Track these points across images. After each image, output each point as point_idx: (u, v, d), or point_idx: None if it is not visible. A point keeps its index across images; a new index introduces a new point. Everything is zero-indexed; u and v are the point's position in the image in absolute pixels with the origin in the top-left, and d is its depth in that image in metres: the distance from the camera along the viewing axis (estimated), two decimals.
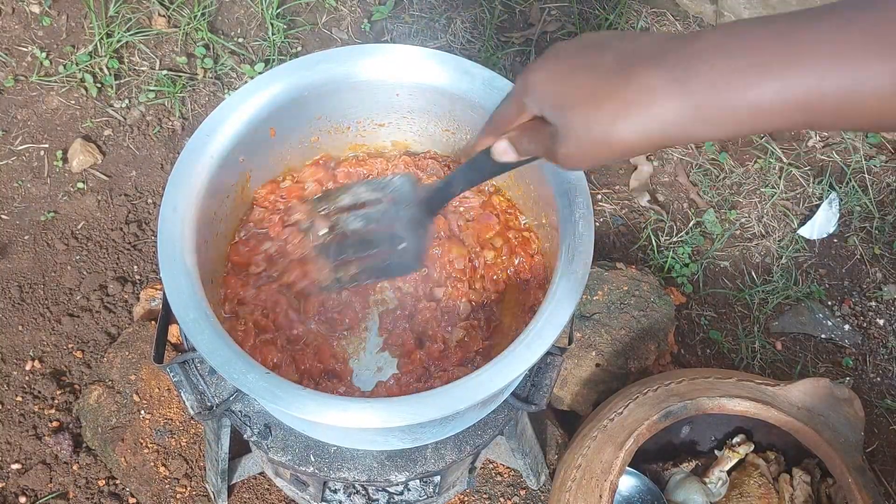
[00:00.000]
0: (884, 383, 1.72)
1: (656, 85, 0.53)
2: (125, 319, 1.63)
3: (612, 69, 0.56)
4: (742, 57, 0.51)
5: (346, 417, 0.77)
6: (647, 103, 0.54)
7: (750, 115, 0.52)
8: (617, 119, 0.55)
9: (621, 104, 0.55)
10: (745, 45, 0.51)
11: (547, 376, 0.97)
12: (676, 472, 1.42)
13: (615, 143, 0.56)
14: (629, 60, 0.56)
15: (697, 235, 1.83)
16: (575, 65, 0.59)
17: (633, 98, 0.54)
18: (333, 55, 0.96)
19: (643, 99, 0.54)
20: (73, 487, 1.46)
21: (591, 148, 0.57)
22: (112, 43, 1.88)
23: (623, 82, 0.55)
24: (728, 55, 0.51)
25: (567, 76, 0.59)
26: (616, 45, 0.58)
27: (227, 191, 0.96)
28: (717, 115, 0.52)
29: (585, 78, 0.57)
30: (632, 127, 0.55)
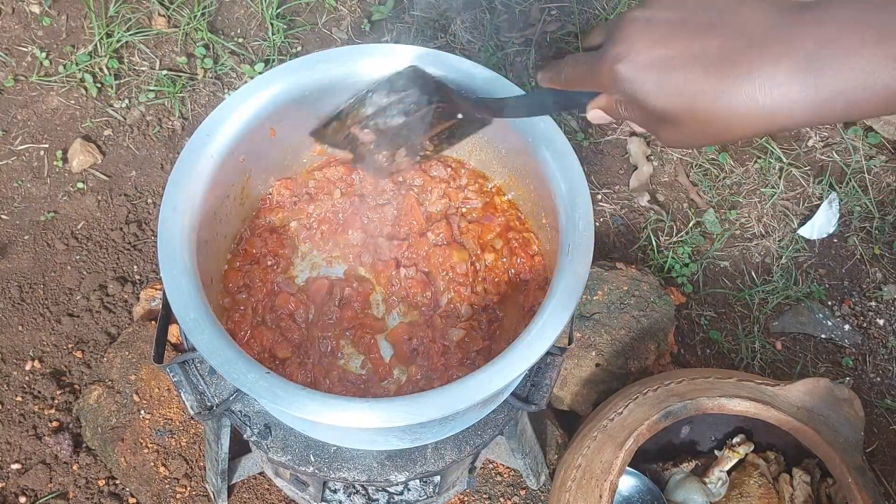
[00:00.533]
0: (884, 383, 1.72)
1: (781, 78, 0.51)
2: (125, 319, 1.63)
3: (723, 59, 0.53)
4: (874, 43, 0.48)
5: (346, 417, 0.77)
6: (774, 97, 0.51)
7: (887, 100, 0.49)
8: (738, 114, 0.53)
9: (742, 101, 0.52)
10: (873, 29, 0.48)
11: (547, 376, 0.97)
12: (676, 472, 1.42)
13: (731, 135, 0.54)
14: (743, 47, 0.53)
15: (697, 235, 1.83)
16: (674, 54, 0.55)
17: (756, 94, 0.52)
18: (333, 55, 0.96)
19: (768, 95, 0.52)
20: (73, 487, 1.46)
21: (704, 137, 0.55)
22: (112, 43, 1.88)
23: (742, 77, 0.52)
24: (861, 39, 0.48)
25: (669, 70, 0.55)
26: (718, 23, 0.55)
27: (228, 191, 0.96)
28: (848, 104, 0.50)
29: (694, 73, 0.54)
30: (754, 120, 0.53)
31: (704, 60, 0.53)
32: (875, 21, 0.48)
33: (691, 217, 1.85)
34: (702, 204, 1.87)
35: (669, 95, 0.55)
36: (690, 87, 0.54)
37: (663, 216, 1.85)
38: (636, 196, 1.87)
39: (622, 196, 1.87)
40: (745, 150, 1.94)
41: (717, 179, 1.89)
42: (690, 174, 1.90)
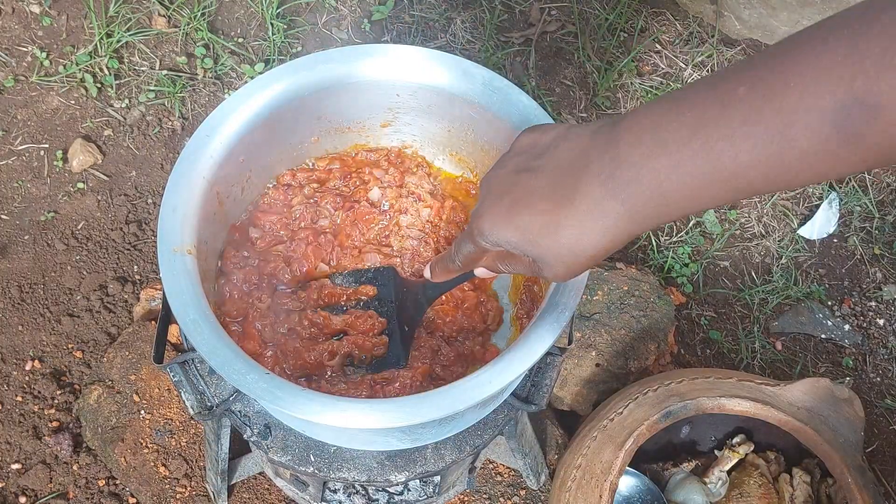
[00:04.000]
0: (884, 383, 1.72)
1: (596, 200, 0.56)
2: (125, 319, 1.63)
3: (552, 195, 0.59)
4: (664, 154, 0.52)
5: (346, 418, 0.77)
6: (597, 218, 0.56)
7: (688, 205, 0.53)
8: (580, 240, 0.58)
9: (576, 229, 0.57)
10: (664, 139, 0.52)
11: (547, 376, 0.97)
12: (676, 472, 1.42)
13: (589, 258, 0.59)
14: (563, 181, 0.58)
15: (697, 235, 1.83)
16: (516, 200, 0.61)
17: (583, 220, 0.57)
18: (333, 55, 0.96)
19: (591, 220, 0.56)
20: (73, 487, 1.46)
21: (572, 265, 0.60)
22: (112, 43, 1.88)
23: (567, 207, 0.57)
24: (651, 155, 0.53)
25: (513, 213, 0.61)
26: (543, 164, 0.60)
27: (228, 191, 0.96)
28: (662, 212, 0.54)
29: (533, 213, 0.60)
30: (596, 241, 0.57)
31: (539, 199, 0.59)
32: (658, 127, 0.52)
33: (691, 217, 1.85)
34: None
35: (522, 237, 0.61)
36: (534, 226, 0.60)
37: None
38: None
39: None
40: None
41: None
42: None
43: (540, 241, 0.60)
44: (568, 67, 2.00)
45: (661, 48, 2.03)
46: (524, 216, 0.60)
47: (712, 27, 2.05)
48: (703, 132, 0.50)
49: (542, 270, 0.63)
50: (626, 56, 1.99)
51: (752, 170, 0.49)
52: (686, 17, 2.08)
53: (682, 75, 1.99)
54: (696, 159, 0.51)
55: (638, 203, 0.54)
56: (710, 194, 0.52)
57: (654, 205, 0.54)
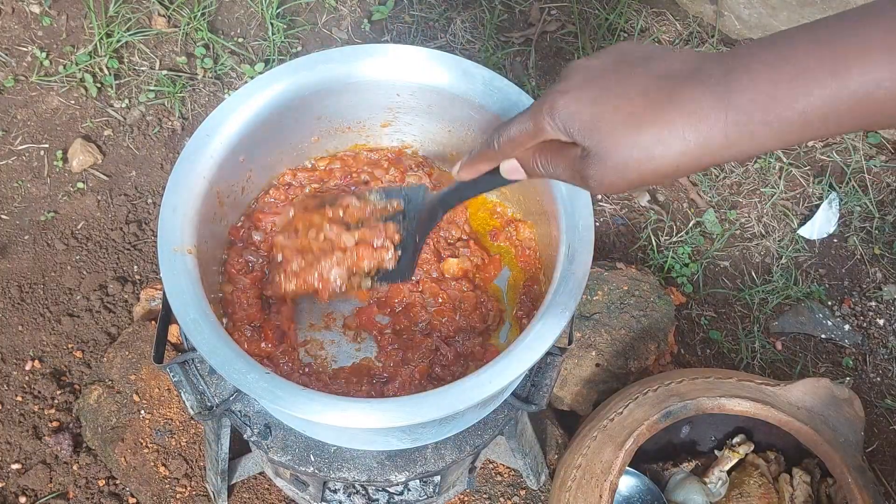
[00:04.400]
0: (884, 383, 1.72)
1: (699, 104, 0.52)
2: (125, 319, 1.63)
3: (648, 90, 0.54)
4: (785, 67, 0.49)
5: (346, 417, 0.77)
6: (690, 122, 0.52)
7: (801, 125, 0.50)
8: (660, 140, 0.53)
9: (664, 125, 0.53)
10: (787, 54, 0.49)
11: (547, 376, 0.97)
12: (676, 472, 1.42)
13: (660, 166, 0.54)
14: (665, 80, 0.54)
15: (697, 235, 1.83)
16: (607, 87, 0.57)
17: (676, 118, 0.53)
18: (333, 55, 0.96)
19: (686, 119, 0.52)
20: (73, 487, 1.46)
21: (632, 170, 0.55)
22: (112, 43, 1.88)
23: (663, 102, 0.53)
24: (771, 66, 0.50)
25: (599, 99, 0.56)
26: (647, 65, 0.57)
27: (228, 191, 0.96)
28: (764, 130, 0.51)
29: (622, 101, 0.55)
30: (675, 147, 0.53)
31: (635, 92, 0.55)
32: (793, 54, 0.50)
33: (691, 217, 1.85)
34: (702, 204, 1.87)
35: (598, 121, 0.56)
36: (618, 114, 0.55)
37: (663, 216, 1.85)
38: (636, 196, 1.87)
39: (622, 196, 1.87)
40: None
41: (717, 179, 1.89)
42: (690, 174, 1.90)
43: (614, 133, 0.55)
44: None
45: None
46: (611, 102, 0.55)
47: (712, 27, 2.05)
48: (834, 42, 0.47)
49: (589, 169, 0.57)
50: None
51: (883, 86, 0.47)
52: (686, 17, 2.08)
53: None
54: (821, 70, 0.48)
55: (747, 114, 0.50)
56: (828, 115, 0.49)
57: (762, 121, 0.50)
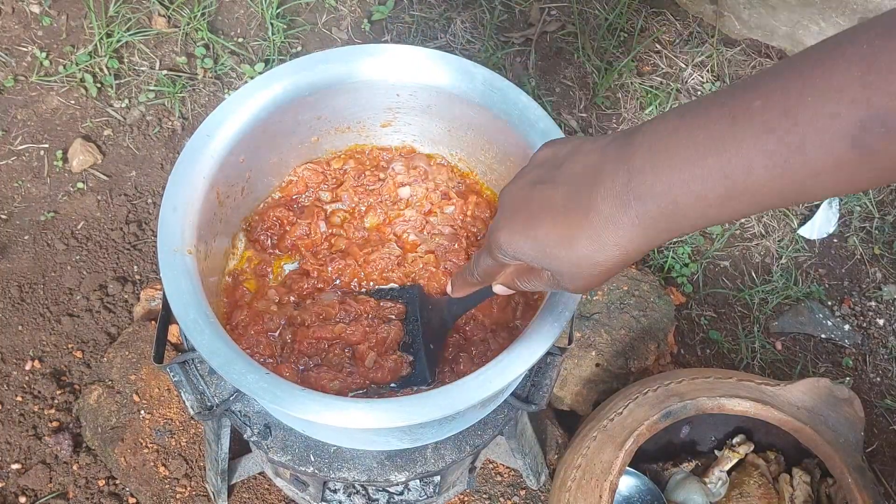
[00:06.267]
0: (884, 383, 1.72)
1: (611, 215, 0.56)
2: (125, 319, 1.63)
3: (566, 208, 0.59)
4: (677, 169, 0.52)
5: (346, 417, 0.77)
6: (610, 234, 0.56)
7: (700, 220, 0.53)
8: (596, 250, 0.58)
9: (590, 239, 0.57)
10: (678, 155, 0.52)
11: (547, 376, 0.97)
12: (676, 472, 1.42)
13: (606, 270, 0.59)
14: (577, 193, 0.58)
15: (697, 235, 1.83)
16: (532, 212, 0.61)
17: (597, 233, 0.57)
18: (333, 55, 0.96)
19: (605, 232, 0.56)
20: (73, 487, 1.46)
21: (589, 278, 0.60)
22: (112, 43, 1.88)
23: (582, 220, 0.57)
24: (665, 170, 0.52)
25: (530, 225, 0.61)
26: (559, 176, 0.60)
27: (228, 191, 0.96)
28: (674, 226, 0.54)
29: (548, 225, 0.60)
30: (611, 253, 0.57)
31: (554, 212, 0.59)
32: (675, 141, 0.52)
33: None
34: None
35: (539, 251, 0.61)
36: (550, 239, 0.60)
37: None
38: None
39: None
40: None
41: None
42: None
43: (557, 255, 0.60)
44: (568, 67, 2.00)
45: (661, 48, 2.03)
46: (540, 229, 0.60)
47: (712, 27, 2.05)
48: (715, 148, 0.50)
49: (562, 283, 0.63)
50: (626, 56, 1.99)
51: (765, 186, 0.49)
52: (686, 17, 2.08)
53: (682, 75, 1.99)
54: (708, 176, 0.50)
55: (651, 217, 0.54)
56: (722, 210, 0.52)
57: (667, 220, 0.54)
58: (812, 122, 0.45)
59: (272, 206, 1.04)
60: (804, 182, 0.48)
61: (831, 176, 0.47)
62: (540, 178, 0.62)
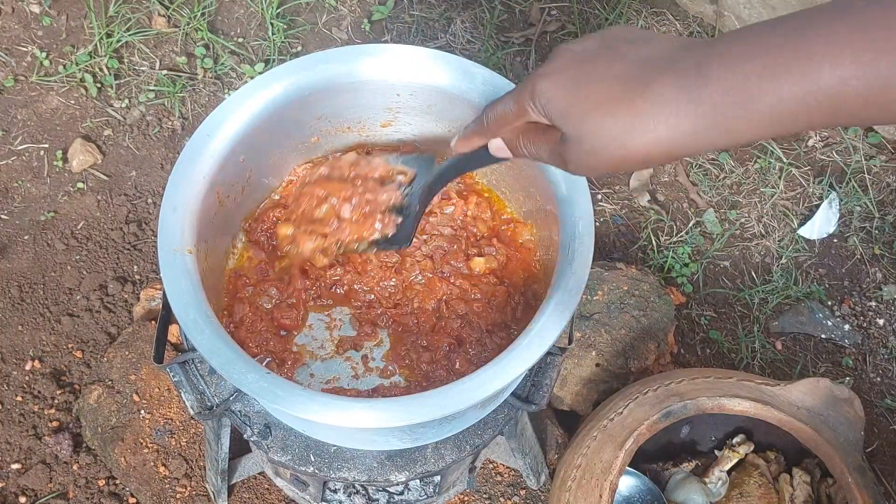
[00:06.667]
0: (884, 383, 1.72)
1: (670, 94, 0.53)
2: (125, 319, 1.63)
3: (624, 77, 0.55)
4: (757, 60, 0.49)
5: (346, 417, 0.77)
6: (661, 113, 0.53)
7: (770, 119, 0.50)
8: (632, 129, 0.54)
9: (635, 114, 0.54)
10: (759, 48, 0.50)
11: (547, 376, 0.97)
12: (676, 472, 1.42)
13: (630, 153, 0.55)
14: (641, 68, 0.55)
15: (697, 235, 1.83)
16: (586, 72, 0.58)
17: (647, 108, 0.54)
18: (333, 55, 0.96)
19: (657, 109, 0.53)
20: (73, 487, 1.46)
21: (605, 156, 0.57)
22: (112, 43, 1.88)
23: (636, 91, 0.54)
24: (743, 59, 0.50)
25: (578, 84, 0.58)
26: (627, 51, 0.57)
27: (228, 191, 0.96)
28: (734, 123, 0.51)
29: (598, 86, 0.56)
30: (646, 137, 0.54)
31: (610, 80, 0.56)
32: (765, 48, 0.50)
33: (691, 217, 1.85)
34: (702, 204, 1.87)
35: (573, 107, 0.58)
36: (592, 101, 0.56)
37: (663, 216, 1.85)
38: (636, 196, 1.87)
39: (622, 196, 1.87)
40: (746, 150, 1.94)
41: (717, 179, 1.89)
42: (690, 174, 1.90)
43: (588, 118, 0.56)
44: None
45: None
46: (588, 88, 0.57)
47: (712, 27, 2.05)
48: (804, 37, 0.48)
49: (570, 155, 0.59)
50: None
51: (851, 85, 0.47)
52: (686, 17, 2.08)
53: None
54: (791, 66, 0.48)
55: (714, 107, 0.51)
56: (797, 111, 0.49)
57: (732, 113, 0.50)
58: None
59: (271, 207, 1.04)
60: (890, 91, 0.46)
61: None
62: (609, 45, 0.59)
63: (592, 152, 0.57)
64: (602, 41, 0.60)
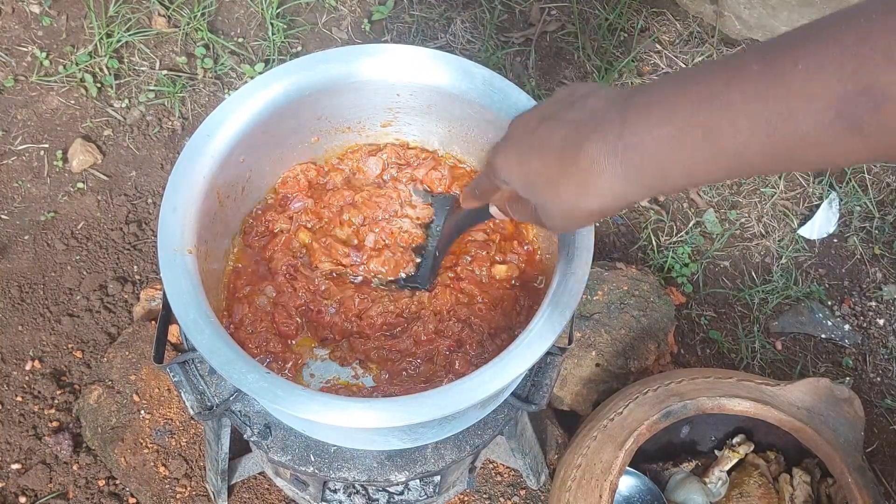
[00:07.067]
0: (884, 383, 1.72)
1: (599, 161, 0.57)
2: (125, 319, 1.63)
3: (561, 148, 0.60)
4: (668, 128, 0.53)
5: (346, 417, 0.77)
6: (595, 180, 0.58)
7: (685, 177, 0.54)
8: (578, 196, 0.60)
9: (575, 184, 0.59)
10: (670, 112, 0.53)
11: (547, 376, 0.97)
12: (676, 472, 1.42)
13: (585, 215, 0.61)
14: (575, 135, 0.59)
15: (697, 235, 1.83)
16: (529, 145, 0.63)
17: (583, 177, 0.59)
18: (333, 55, 0.96)
19: (591, 177, 0.58)
20: (73, 487, 1.46)
21: (568, 219, 0.63)
22: (112, 43, 1.88)
23: (571, 162, 0.59)
24: (656, 124, 0.54)
25: (525, 160, 0.63)
26: (565, 115, 0.61)
27: (228, 191, 0.96)
28: (658, 182, 0.56)
29: (540, 161, 0.62)
30: (592, 200, 0.59)
31: (550, 150, 0.61)
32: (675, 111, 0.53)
33: (691, 217, 1.85)
34: (702, 204, 1.87)
35: (526, 182, 0.64)
36: (539, 174, 0.62)
37: (663, 216, 1.85)
38: None
39: None
40: None
41: None
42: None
43: (542, 191, 0.62)
44: (568, 67, 2.00)
45: (661, 48, 2.03)
46: (533, 163, 0.62)
47: (712, 27, 2.05)
48: (706, 107, 0.51)
49: (543, 219, 0.65)
50: (626, 56, 1.99)
51: (751, 149, 0.50)
52: (686, 17, 2.08)
53: None
54: (696, 133, 0.52)
55: (637, 168, 0.55)
56: (708, 170, 0.53)
57: (653, 173, 0.55)
58: (801, 89, 0.46)
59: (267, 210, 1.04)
60: (791, 149, 0.49)
61: (817, 145, 0.47)
62: (550, 113, 0.63)
63: (560, 215, 0.63)
64: (548, 108, 0.65)
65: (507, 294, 1.00)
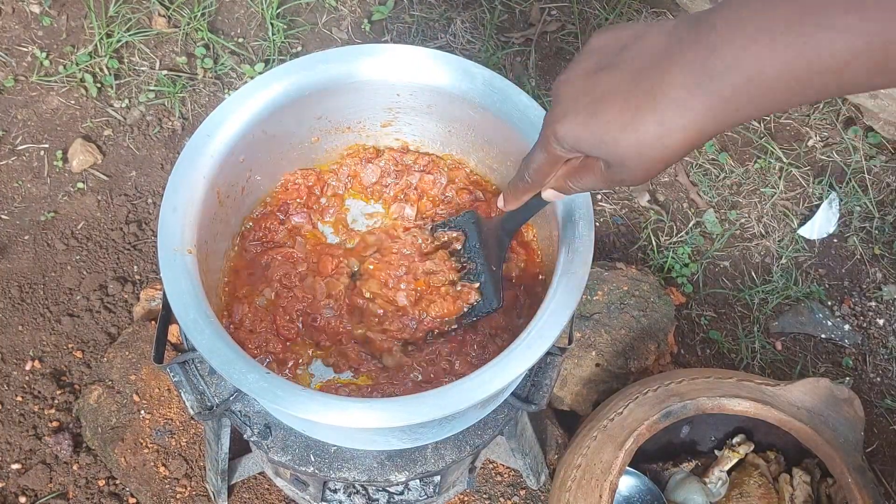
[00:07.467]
0: (884, 383, 1.72)
1: (682, 96, 0.54)
2: (125, 319, 1.63)
3: (632, 92, 0.56)
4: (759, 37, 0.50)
5: (346, 417, 0.77)
6: (680, 114, 0.54)
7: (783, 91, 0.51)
8: (661, 134, 0.56)
9: (657, 123, 0.55)
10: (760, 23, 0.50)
11: (547, 376, 0.97)
12: (676, 472, 1.42)
13: (668, 155, 0.57)
14: (645, 76, 0.56)
15: (697, 235, 1.83)
16: (593, 100, 0.59)
17: (665, 115, 0.55)
18: (333, 55, 0.96)
19: (674, 111, 0.54)
20: (73, 487, 1.46)
21: (651, 164, 0.58)
22: (112, 43, 1.88)
23: (648, 101, 0.55)
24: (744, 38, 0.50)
25: (592, 116, 0.59)
26: (623, 60, 0.58)
27: (228, 191, 0.96)
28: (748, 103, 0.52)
29: (610, 109, 0.58)
30: (677, 136, 0.55)
31: (619, 97, 0.57)
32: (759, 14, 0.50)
33: (691, 217, 1.85)
34: (702, 204, 1.87)
35: (601, 138, 0.59)
36: (614, 125, 0.58)
37: (663, 216, 1.85)
38: (636, 196, 1.87)
39: (622, 196, 1.87)
40: (745, 150, 1.94)
41: (717, 179, 1.89)
42: (690, 174, 1.90)
43: (620, 141, 0.58)
44: None
45: None
46: (604, 116, 0.58)
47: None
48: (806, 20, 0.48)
49: (620, 174, 0.61)
50: None
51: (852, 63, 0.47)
52: None
53: None
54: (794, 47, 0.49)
55: (724, 98, 0.52)
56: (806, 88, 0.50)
57: (746, 96, 0.52)
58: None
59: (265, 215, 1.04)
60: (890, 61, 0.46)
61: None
62: (600, 64, 0.60)
63: (640, 166, 0.59)
64: (593, 62, 0.61)
65: (507, 294, 1.00)
